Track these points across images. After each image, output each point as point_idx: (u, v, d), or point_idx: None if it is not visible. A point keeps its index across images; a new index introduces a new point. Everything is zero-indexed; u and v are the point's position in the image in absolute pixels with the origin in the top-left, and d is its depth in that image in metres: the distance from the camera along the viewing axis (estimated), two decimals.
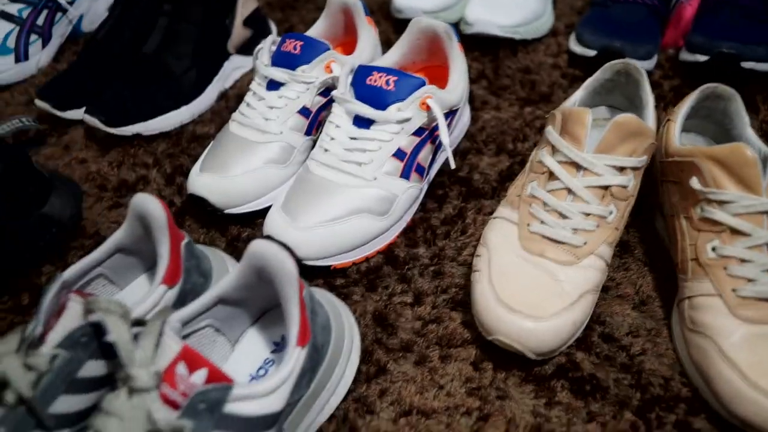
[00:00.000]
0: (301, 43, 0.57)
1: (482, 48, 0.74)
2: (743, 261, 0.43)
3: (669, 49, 0.72)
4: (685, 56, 0.67)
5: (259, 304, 0.45)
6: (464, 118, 0.62)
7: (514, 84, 0.69)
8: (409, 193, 0.54)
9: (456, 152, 0.62)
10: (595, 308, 0.48)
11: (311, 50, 0.57)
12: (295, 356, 0.39)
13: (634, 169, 0.47)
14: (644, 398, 0.43)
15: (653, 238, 0.53)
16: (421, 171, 0.54)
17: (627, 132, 0.46)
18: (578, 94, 0.54)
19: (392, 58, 0.59)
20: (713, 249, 0.44)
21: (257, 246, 0.40)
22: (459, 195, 0.58)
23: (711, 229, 0.44)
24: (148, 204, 0.44)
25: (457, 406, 0.44)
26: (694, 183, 0.45)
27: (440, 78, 0.60)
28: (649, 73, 0.68)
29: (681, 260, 0.46)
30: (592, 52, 0.68)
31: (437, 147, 0.56)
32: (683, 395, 0.43)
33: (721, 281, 0.43)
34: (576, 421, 0.43)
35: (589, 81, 0.55)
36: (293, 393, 0.40)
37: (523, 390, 0.44)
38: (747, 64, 0.63)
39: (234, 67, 0.73)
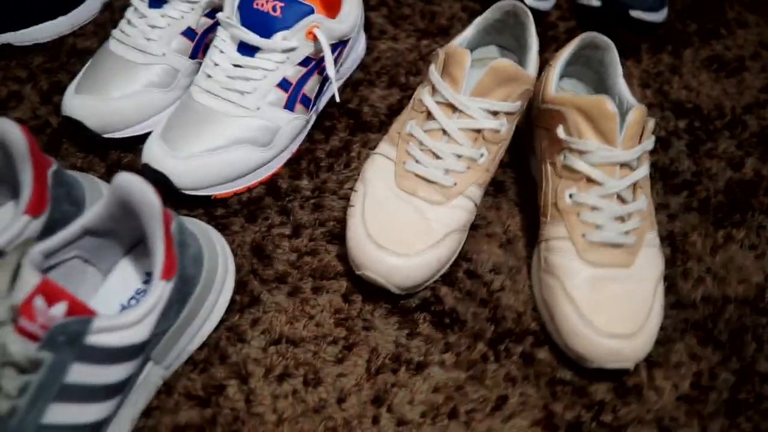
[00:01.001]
0: None
1: None
2: (594, 208, 0.47)
3: None
4: (581, 0, 0.68)
5: (130, 236, 0.45)
6: (358, 48, 0.62)
7: (414, 14, 0.68)
8: (293, 124, 0.53)
9: (348, 83, 0.61)
10: (464, 245, 0.51)
11: None
12: (160, 289, 0.40)
13: (508, 114, 0.49)
14: (497, 331, 0.48)
15: (528, 179, 0.56)
16: (306, 102, 0.54)
17: (503, 77, 0.47)
18: (467, 33, 0.54)
19: None
20: (570, 195, 0.47)
21: (121, 179, 0.39)
22: (347, 127, 0.58)
23: (570, 177, 0.47)
24: (6, 130, 0.41)
25: (324, 335, 0.46)
26: (560, 131, 0.47)
27: (335, 5, 0.59)
28: (547, 14, 0.69)
29: (543, 204, 0.49)
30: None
31: (326, 78, 0.55)
32: (532, 329, 0.48)
33: (574, 226, 0.47)
34: (433, 351, 0.46)
35: (478, 20, 0.55)
36: (159, 324, 0.41)
37: (388, 321, 0.47)
38: (635, 13, 0.65)
39: None
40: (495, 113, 0.48)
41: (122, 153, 0.55)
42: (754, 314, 0.52)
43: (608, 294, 0.45)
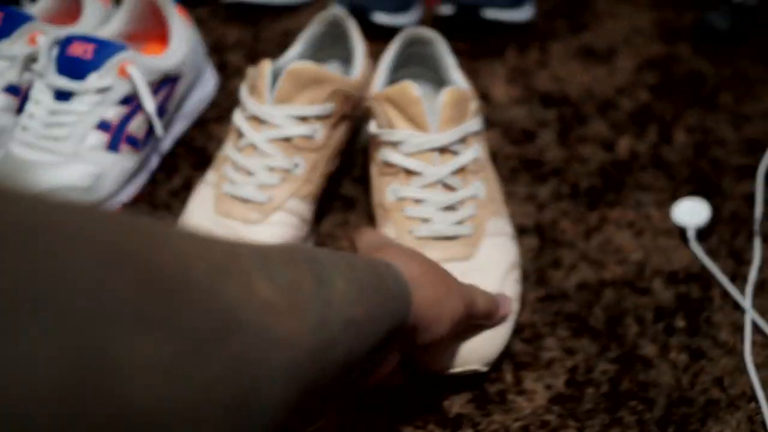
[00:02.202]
0: None
1: (243, 17, 0.71)
2: (418, 201, 0.43)
3: (434, 6, 0.71)
4: (438, 10, 0.67)
5: None
6: (205, 86, 0.60)
7: (274, 49, 0.67)
8: (119, 167, 0.51)
9: (197, 122, 0.60)
10: None
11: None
12: None
13: (320, 118, 0.46)
14: None
15: None
16: (134, 143, 0.52)
17: (304, 80, 0.45)
18: (295, 49, 0.53)
19: (113, 29, 0.56)
20: (393, 192, 0.44)
21: None
22: (190, 165, 0.56)
23: (390, 172, 0.44)
24: None
25: None
26: (372, 126, 0.45)
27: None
28: None
29: (373, 207, 0.46)
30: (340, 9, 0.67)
31: (165, 116, 0.54)
32: None
33: (400, 224, 0.43)
34: None
35: (304, 33, 0.53)
36: None
37: None
38: (489, 13, 0.64)
39: None
40: (303, 119, 0.45)
41: None
42: (635, 295, 0.47)
43: None
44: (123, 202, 0.52)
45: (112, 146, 0.51)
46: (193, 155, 0.57)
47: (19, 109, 0.54)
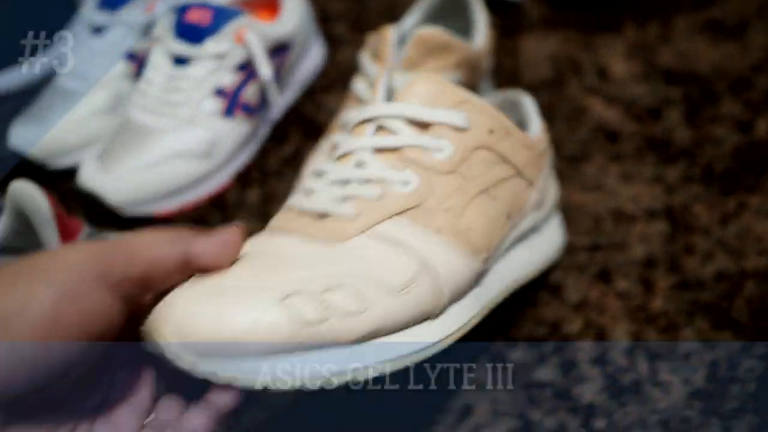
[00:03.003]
0: None
1: None
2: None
3: None
4: None
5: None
6: (312, 56, 0.59)
7: (380, 20, 0.65)
8: (234, 133, 0.51)
9: (306, 92, 0.59)
10: None
11: None
12: None
13: None
14: None
15: None
16: (248, 110, 0.51)
17: (432, 46, 0.43)
18: (412, 18, 0.51)
19: None
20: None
21: (12, 188, 0.37)
22: (300, 134, 0.55)
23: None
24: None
25: None
26: None
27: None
28: (518, 5, 0.65)
29: None
30: None
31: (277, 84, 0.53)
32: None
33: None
34: None
35: (419, 5, 0.51)
36: None
37: None
38: None
39: None
40: None
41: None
42: None
43: None
44: (237, 169, 0.52)
45: (228, 113, 0.50)
46: (302, 125, 0.56)
47: (137, 76, 0.55)
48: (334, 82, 0.59)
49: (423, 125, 0.32)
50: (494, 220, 0.33)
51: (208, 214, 0.50)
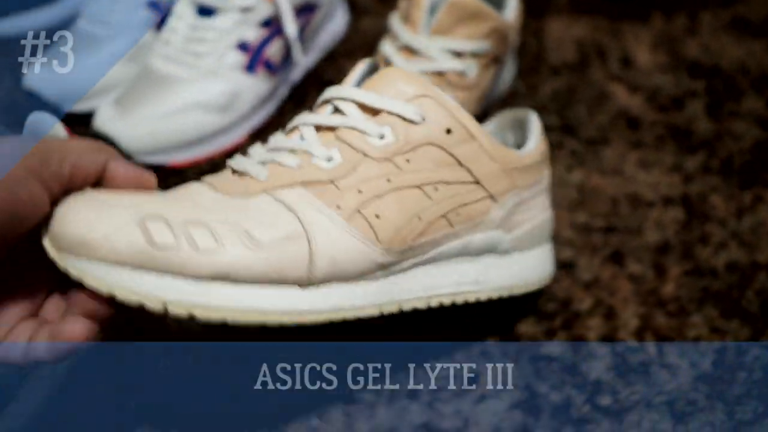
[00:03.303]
0: None
1: None
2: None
3: None
4: None
5: None
6: (335, 20, 0.59)
7: None
8: (255, 89, 0.50)
9: (327, 56, 0.58)
10: None
11: None
12: None
13: (475, 55, 0.44)
14: None
15: None
16: (270, 67, 0.51)
17: (465, 13, 0.42)
18: None
19: None
20: None
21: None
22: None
23: None
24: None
25: None
26: None
27: None
28: None
29: None
30: None
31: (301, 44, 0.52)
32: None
33: None
34: None
35: None
36: None
37: None
38: None
39: None
40: (458, 54, 0.43)
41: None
42: None
43: None
44: (254, 126, 0.52)
45: (250, 67, 0.50)
46: (322, 88, 0.55)
47: (159, 26, 0.54)
48: (356, 49, 0.59)
49: (373, 112, 0.32)
50: (416, 216, 0.32)
51: (221, 168, 0.50)
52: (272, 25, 0.50)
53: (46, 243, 0.27)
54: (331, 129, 0.32)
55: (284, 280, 0.29)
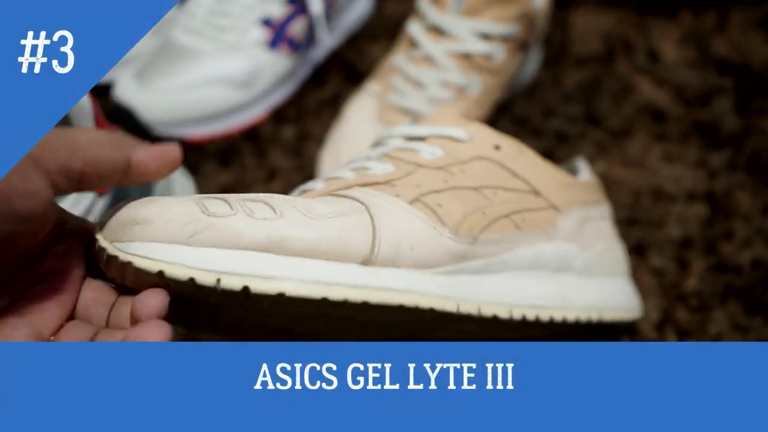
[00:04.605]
0: None
1: None
2: None
3: None
4: None
5: None
6: (361, 3, 0.58)
7: None
8: (277, 66, 0.50)
9: (349, 38, 0.58)
10: None
11: None
12: (88, 201, 0.36)
13: (503, 39, 0.43)
14: None
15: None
16: (293, 44, 0.50)
17: None
18: None
19: None
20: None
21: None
22: (341, 79, 0.54)
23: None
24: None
25: None
26: None
27: None
28: None
29: None
30: None
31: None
32: None
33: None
34: None
35: None
36: None
37: None
38: None
39: None
40: (487, 36, 0.42)
41: None
42: None
43: None
44: (274, 105, 0.51)
45: (273, 44, 0.49)
46: (343, 69, 0.55)
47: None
48: (379, 33, 0.58)
49: (420, 139, 0.32)
50: (480, 211, 0.30)
51: (239, 145, 0.49)
52: (297, 2, 0.50)
53: (99, 237, 0.26)
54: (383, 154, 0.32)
55: (347, 254, 0.26)
